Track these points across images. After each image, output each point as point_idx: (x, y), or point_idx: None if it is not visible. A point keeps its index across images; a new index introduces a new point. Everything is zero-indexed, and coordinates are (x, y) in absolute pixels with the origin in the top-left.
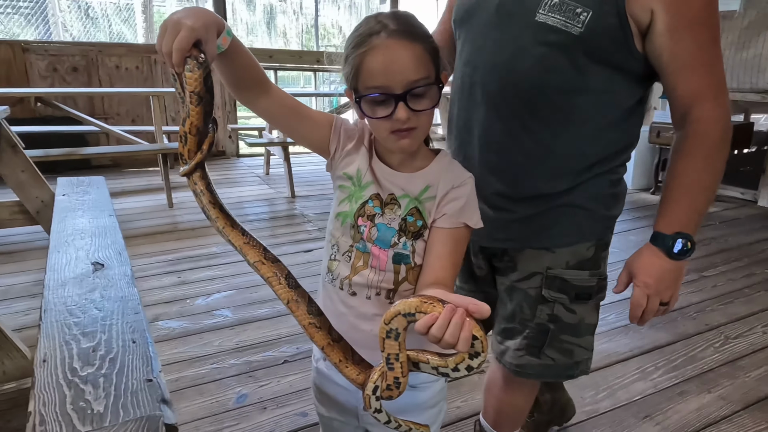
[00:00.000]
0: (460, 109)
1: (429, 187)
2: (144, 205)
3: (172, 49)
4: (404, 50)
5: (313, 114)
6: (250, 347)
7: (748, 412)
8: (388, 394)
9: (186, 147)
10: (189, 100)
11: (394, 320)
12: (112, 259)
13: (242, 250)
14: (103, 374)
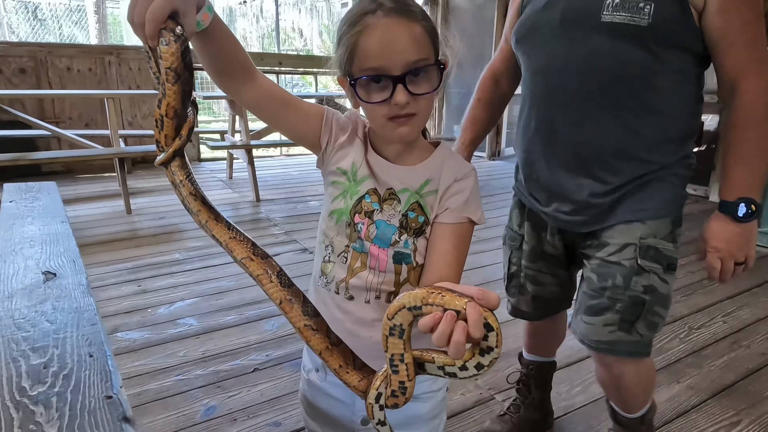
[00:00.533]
0: (539, 115)
1: (430, 181)
2: (100, 212)
3: (145, 20)
4: (402, 29)
5: (303, 105)
6: (217, 356)
7: (716, 401)
8: (393, 401)
9: (162, 132)
10: (165, 77)
11: (398, 315)
12: (66, 267)
13: (228, 246)
14: (56, 393)
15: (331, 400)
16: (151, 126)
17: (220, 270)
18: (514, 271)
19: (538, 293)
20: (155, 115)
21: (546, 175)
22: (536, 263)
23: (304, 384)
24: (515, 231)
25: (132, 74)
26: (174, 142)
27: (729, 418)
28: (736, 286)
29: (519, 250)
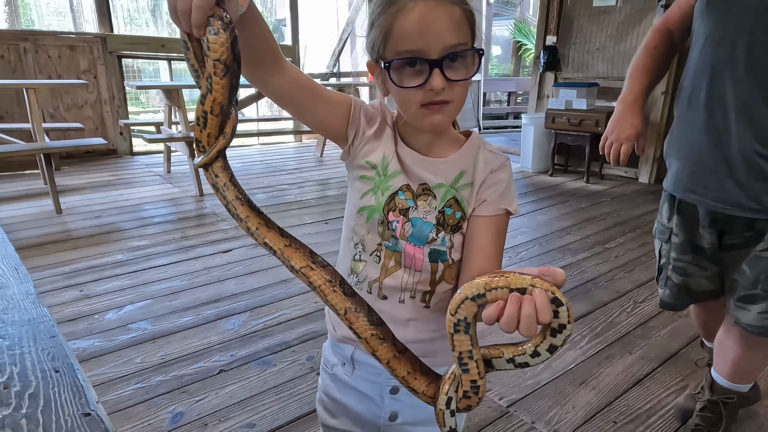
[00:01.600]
0: (711, 84)
1: (464, 173)
2: (26, 212)
3: (192, 6)
4: (442, 11)
5: (330, 94)
6: (177, 360)
7: (665, 368)
8: (466, 403)
9: (206, 131)
10: (213, 70)
11: (462, 308)
12: (7, 276)
13: (284, 255)
14: (24, 415)
15: (357, 396)
16: (75, 118)
17: (169, 269)
18: (662, 263)
19: (684, 284)
20: (197, 112)
21: (729, 153)
22: (686, 255)
23: (327, 379)
24: (664, 224)
25: (52, 62)
26: (218, 141)
27: (678, 383)
28: None
29: (667, 243)
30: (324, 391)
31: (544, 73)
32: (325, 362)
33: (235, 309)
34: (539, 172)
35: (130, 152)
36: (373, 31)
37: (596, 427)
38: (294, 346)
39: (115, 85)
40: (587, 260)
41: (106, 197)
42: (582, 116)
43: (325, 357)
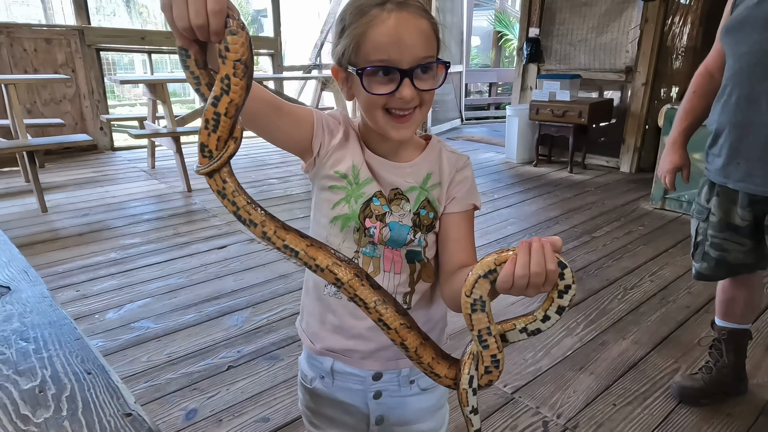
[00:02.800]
0: (743, 86)
1: (431, 174)
2: (10, 211)
3: (209, 14)
4: (413, 24)
5: (293, 109)
6: (185, 358)
7: (657, 351)
8: (487, 378)
9: (215, 134)
10: (233, 71)
11: (477, 287)
12: (18, 279)
13: (308, 254)
14: (66, 417)
15: (341, 406)
16: (54, 113)
17: (166, 267)
18: (699, 240)
19: (722, 258)
20: (206, 116)
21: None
22: (723, 233)
23: (305, 395)
24: (702, 205)
25: (27, 56)
26: (228, 146)
27: (670, 366)
28: (655, 248)
29: (705, 221)
30: (305, 405)
31: (528, 64)
32: (302, 377)
33: (236, 305)
34: (524, 163)
35: (111, 147)
36: (344, 38)
37: (597, 410)
38: (299, 341)
39: (94, 79)
40: (576, 249)
41: (91, 194)
42: (565, 107)
43: (302, 372)
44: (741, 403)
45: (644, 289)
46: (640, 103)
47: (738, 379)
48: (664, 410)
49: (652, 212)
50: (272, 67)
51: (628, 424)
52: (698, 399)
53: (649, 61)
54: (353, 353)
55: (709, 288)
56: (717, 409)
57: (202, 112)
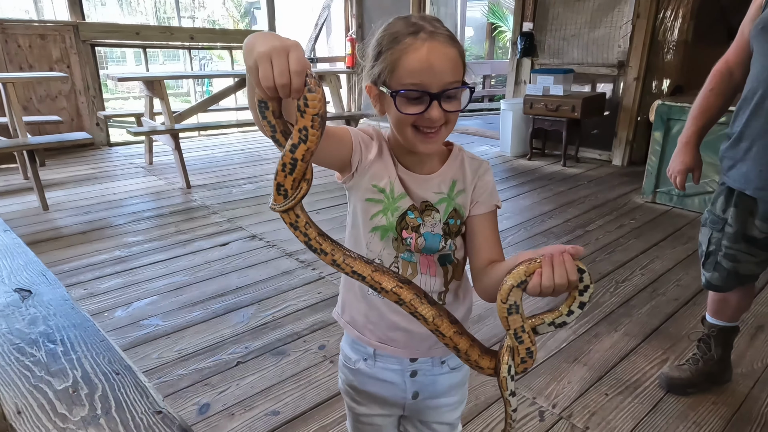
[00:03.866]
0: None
1: (456, 181)
2: (11, 210)
3: (292, 74)
4: (443, 52)
5: (334, 131)
6: (194, 354)
7: (647, 343)
8: (523, 367)
9: (291, 176)
10: (311, 123)
11: (511, 295)
12: (38, 283)
13: (373, 279)
14: (101, 415)
15: (381, 384)
16: (49, 110)
17: (170, 265)
18: (712, 250)
19: (734, 269)
20: (284, 160)
21: None
22: (737, 244)
23: (349, 374)
24: (717, 215)
25: (22, 52)
26: (301, 187)
27: (660, 357)
28: (646, 242)
29: (720, 232)
30: (348, 384)
31: (521, 59)
32: (345, 360)
33: (242, 302)
34: (518, 156)
35: (108, 143)
36: (380, 62)
37: (590, 400)
38: (305, 336)
39: (89, 75)
40: (569, 243)
41: (91, 191)
42: (559, 102)
43: (345, 354)
44: (726, 391)
45: (635, 282)
46: (632, 98)
47: (723, 369)
48: (653, 399)
49: (643, 206)
50: None
51: (619, 412)
52: (685, 388)
53: (641, 55)
54: (394, 342)
55: (696, 281)
56: (703, 398)
57: (280, 156)
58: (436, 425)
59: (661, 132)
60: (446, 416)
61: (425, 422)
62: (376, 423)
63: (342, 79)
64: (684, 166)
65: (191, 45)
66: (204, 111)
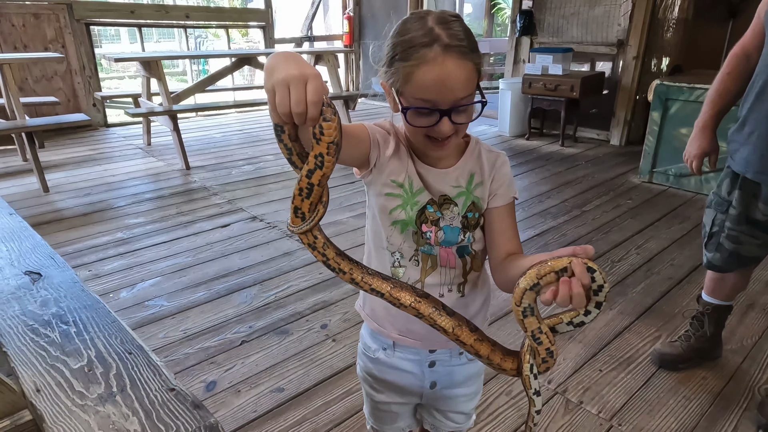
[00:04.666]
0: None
1: (474, 174)
2: (11, 192)
3: (308, 104)
4: (456, 69)
5: (352, 130)
6: (200, 334)
7: (641, 321)
8: (545, 366)
9: (308, 200)
10: (326, 150)
11: (525, 298)
12: (47, 266)
13: (392, 295)
14: (116, 393)
15: (400, 373)
16: (45, 91)
17: (172, 246)
18: (715, 231)
19: (735, 250)
20: (300, 185)
21: None
22: (740, 226)
23: (368, 363)
24: (723, 197)
25: (16, 32)
26: (318, 210)
27: (653, 334)
28: (642, 222)
29: (724, 213)
30: (367, 371)
31: (521, 37)
32: (364, 348)
33: (244, 283)
34: (516, 136)
35: (105, 124)
36: (394, 70)
37: (585, 375)
38: (307, 316)
39: (84, 55)
40: (567, 224)
41: (90, 173)
42: (558, 81)
43: (365, 344)
44: (715, 367)
45: (630, 261)
46: (630, 77)
47: (714, 346)
48: (645, 374)
49: (640, 185)
50: (264, 40)
51: (612, 387)
52: (676, 364)
53: (640, 34)
54: (413, 334)
55: (690, 260)
56: (693, 373)
57: (296, 181)
58: (452, 414)
59: (659, 112)
60: (462, 406)
61: (441, 411)
62: (394, 410)
63: (340, 58)
64: (700, 151)
65: (187, 24)
66: (202, 91)
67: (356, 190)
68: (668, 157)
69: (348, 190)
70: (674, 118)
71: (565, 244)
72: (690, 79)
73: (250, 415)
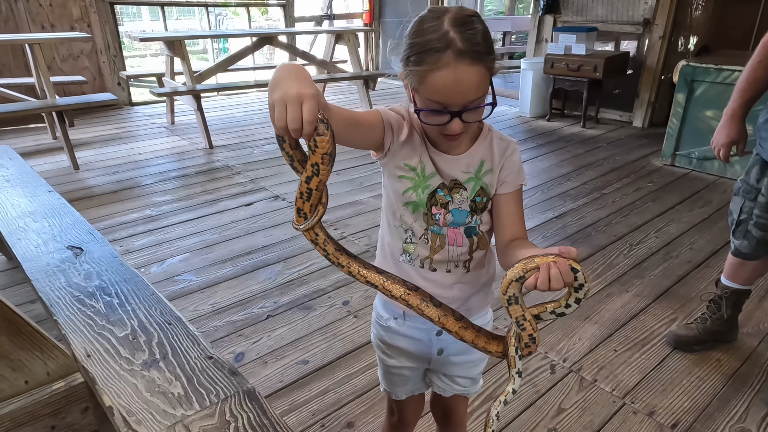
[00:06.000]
0: None
1: (484, 161)
2: (43, 169)
3: (304, 122)
4: (467, 74)
5: (367, 118)
6: (227, 308)
7: (657, 303)
8: (527, 351)
9: (309, 202)
10: (321, 161)
11: (510, 288)
12: (87, 241)
13: (385, 287)
14: (159, 360)
15: (410, 340)
16: (72, 69)
17: (198, 224)
18: (743, 219)
19: (763, 238)
20: (301, 189)
21: None
22: None
23: (381, 330)
24: (751, 185)
25: (44, 11)
26: (318, 210)
27: (668, 316)
28: (662, 205)
29: (753, 201)
30: (379, 339)
31: (543, 16)
32: (377, 317)
33: (268, 260)
34: (537, 117)
35: (129, 102)
36: (410, 70)
37: (599, 355)
38: (329, 293)
39: (109, 34)
40: (586, 206)
41: (117, 151)
42: (580, 61)
43: (377, 313)
44: (730, 349)
45: (649, 244)
46: (656, 57)
47: (730, 329)
48: (660, 355)
49: (662, 168)
50: (284, 18)
51: (626, 367)
52: (691, 346)
53: (668, 12)
54: None
55: (710, 244)
56: (708, 355)
57: (297, 185)
58: (459, 378)
59: (684, 94)
60: (468, 371)
61: (448, 375)
62: (404, 374)
63: (360, 37)
64: (729, 139)
65: (208, 2)
66: (224, 71)
67: (376, 170)
68: (692, 139)
69: (368, 170)
70: (700, 100)
71: (584, 227)
72: (717, 60)
73: (277, 385)
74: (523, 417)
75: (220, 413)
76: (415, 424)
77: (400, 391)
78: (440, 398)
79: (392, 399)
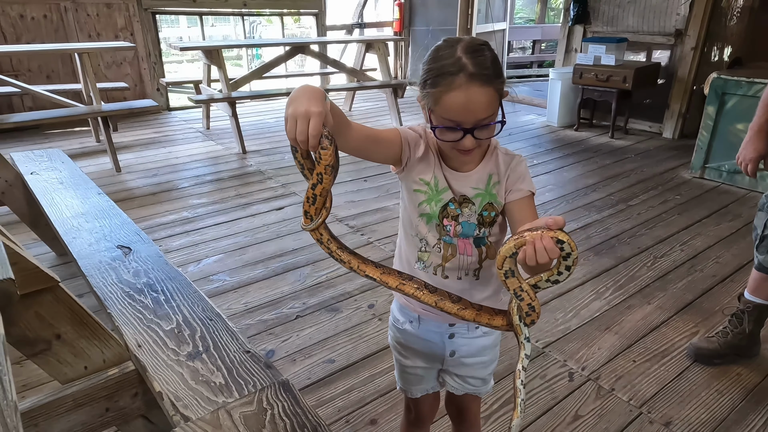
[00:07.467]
0: None
1: (492, 175)
2: (88, 171)
3: (309, 136)
4: (479, 95)
5: (387, 135)
6: (259, 307)
7: (680, 316)
8: (529, 319)
9: (314, 206)
10: (324, 171)
11: (505, 263)
12: (135, 242)
13: (382, 280)
14: (202, 352)
15: (424, 342)
16: (115, 76)
17: (232, 226)
18: (767, 234)
19: None
20: (308, 194)
21: None
22: None
23: (397, 332)
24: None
25: (91, 21)
26: (322, 213)
27: (690, 330)
28: (689, 218)
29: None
30: (396, 340)
31: (573, 26)
32: (394, 320)
33: (298, 263)
34: (564, 127)
35: (167, 108)
36: (427, 92)
37: (618, 365)
38: (356, 296)
39: (150, 42)
40: (611, 217)
41: (156, 155)
42: (610, 72)
43: (394, 316)
44: (751, 364)
45: (674, 257)
46: (687, 68)
47: (752, 344)
48: (679, 367)
49: (691, 181)
50: (316, 26)
51: (645, 378)
52: (711, 359)
53: (700, 23)
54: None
55: (736, 258)
56: (728, 369)
57: (305, 189)
58: (470, 378)
59: (714, 107)
60: (479, 372)
61: (461, 376)
62: (419, 374)
63: (390, 46)
64: (756, 154)
65: (243, 11)
66: (258, 78)
67: None
68: (722, 152)
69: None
70: (730, 113)
71: (608, 238)
72: (750, 73)
73: (305, 382)
74: (540, 422)
75: (258, 401)
76: (431, 420)
77: (415, 390)
78: (454, 397)
79: (408, 397)
